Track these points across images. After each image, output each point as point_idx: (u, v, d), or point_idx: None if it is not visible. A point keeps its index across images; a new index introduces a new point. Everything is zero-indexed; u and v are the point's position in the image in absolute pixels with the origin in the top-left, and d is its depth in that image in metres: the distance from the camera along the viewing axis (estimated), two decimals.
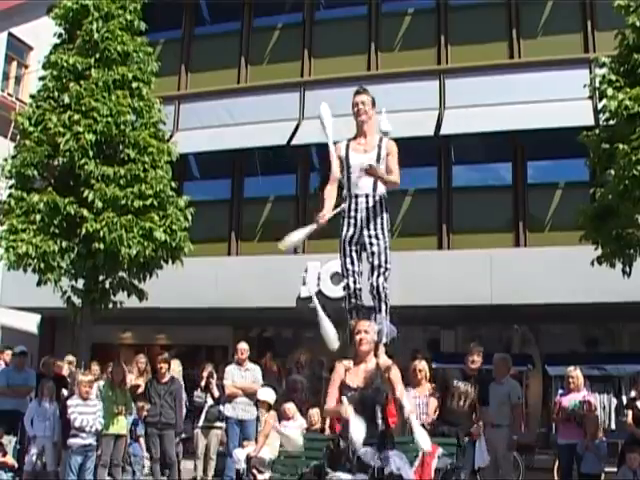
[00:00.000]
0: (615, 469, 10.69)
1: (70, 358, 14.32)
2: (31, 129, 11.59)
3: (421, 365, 11.18)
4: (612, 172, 9.61)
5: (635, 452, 10.03)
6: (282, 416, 12.42)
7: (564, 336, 16.47)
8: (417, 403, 10.98)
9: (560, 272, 13.93)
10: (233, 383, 13.15)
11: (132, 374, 13.59)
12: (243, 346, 13.50)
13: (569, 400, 11.62)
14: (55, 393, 12.27)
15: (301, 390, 15.45)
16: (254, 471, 11.16)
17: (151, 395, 12.67)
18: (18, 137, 12.39)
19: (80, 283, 11.89)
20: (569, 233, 12.66)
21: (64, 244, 11.20)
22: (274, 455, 10.73)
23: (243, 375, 13.22)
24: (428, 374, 11.19)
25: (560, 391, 12.25)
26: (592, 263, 10.64)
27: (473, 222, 16.30)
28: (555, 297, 14.03)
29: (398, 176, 7.87)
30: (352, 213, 7.79)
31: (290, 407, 12.61)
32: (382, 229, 7.79)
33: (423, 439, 6.62)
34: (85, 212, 11.04)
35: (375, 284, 7.73)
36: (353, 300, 7.88)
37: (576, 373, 11.69)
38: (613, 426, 13.02)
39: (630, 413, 11.24)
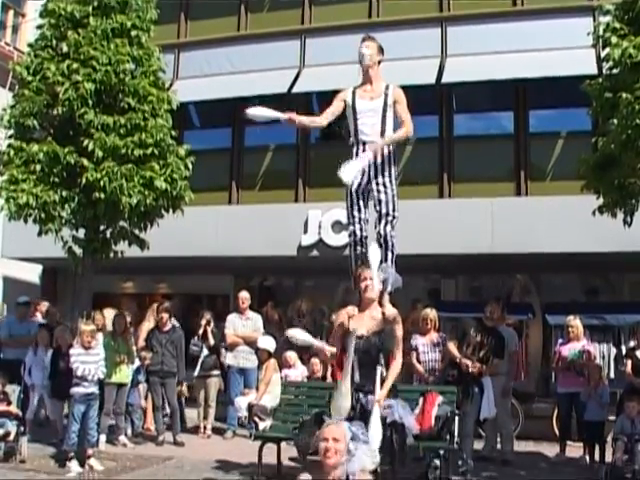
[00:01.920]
0: (613, 418, 10.78)
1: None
2: (29, 78, 11.49)
3: (432, 314, 11.30)
4: (615, 121, 9.54)
5: (634, 401, 10.10)
6: (283, 364, 12.52)
7: (564, 285, 16.49)
8: (425, 350, 11.10)
9: (561, 221, 13.91)
10: (234, 332, 13.23)
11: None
12: (244, 295, 13.56)
13: (569, 349, 11.70)
14: (50, 342, 12.35)
15: None
16: (256, 419, 11.27)
17: (153, 344, 12.75)
18: (16, 87, 12.27)
19: (81, 233, 11.89)
20: (571, 182, 12.63)
21: (64, 194, 11.17)
22: (275, 403, 10.82)
23: (244, 324, 13.31)
24: (437, 323, 11.28)
25: (560, 340, 12.33)
26: (593, 213, 10.63)
27: (474, 171, 16.23)
28: (556, 246, 14.03)
29: (410, 124, 7.84)
30: None
31: (291, 355, 12.70)
32: (390, 177, 7.78)
33: (375, 433, 6.55)
34: (85, 162, 10.98)
35: (382, 232, 7.76)
36: (359, 248, 7.91)
37: (576, 322, 11.75)
38: (612, 375, 13.08)
39: (629, 362, 11.31)
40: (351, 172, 7.56)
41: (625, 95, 9.27)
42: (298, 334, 7.52)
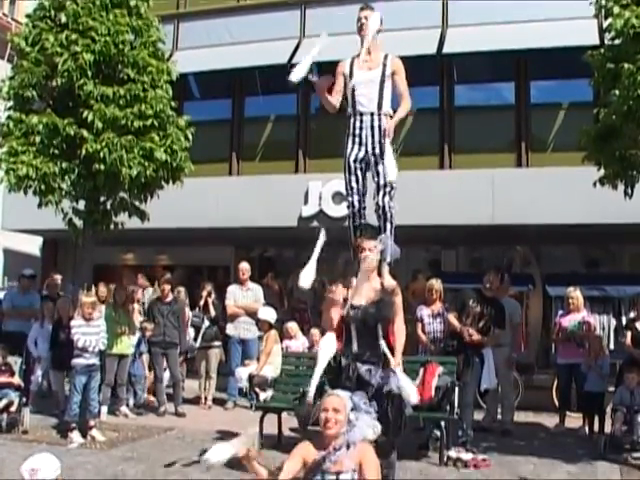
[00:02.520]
0: (613, 389, 10.82)
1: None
2: (28, 50, 11.42)
3: (437, 285, 11.32)
4: (616, 92, 9.48)
5: (633, 372, 10.13)
6: (284, 335, 12.55)
7: (565, 257, 16.50)
8: (429, 321, 11.12)
9: (562, 193, 13.89)
10: (235, 303, 13.26)
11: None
12: (244, 266, 13.58)
13: (569, 320, 11.72)
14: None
15: (305, 310, 15.59)
16: (256, 389, 11.30)
17: (154, 315, 12.80)
18: (15, 58, 12.20)
19: (81, 204, 11.88)
20: (572, 154, 12.59)
21: (64, 165, 11.15)
22: (276, 374, 10.86)
23: (244, 295, 13.33)
24: (442, 294, 11.29)
25: (560, 311, 12.34)
26: (594, 184, 10.60)
27: (475, 142, 16.20)
28: (557, 218, 14.02)
29: (408, 98, 7.79)
30: (357, 131, 7.74)
31: (292, 326, 12.74)
32: (388, 148, 7.74)
33: (410, 387, 6.61)
34: (85, 133, 10.94)
35: (381, 204, 7.72)
36: (357, 219, 7.88)
37: (576, 294, 11.76)
38: (612, 347, 13.12)
39: (629, 334, 11.33)
40: (299, 72, 7.57)
41: (627, 66, 9.22)
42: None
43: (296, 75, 7.51)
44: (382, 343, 6.89)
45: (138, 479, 7.91)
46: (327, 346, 6.76)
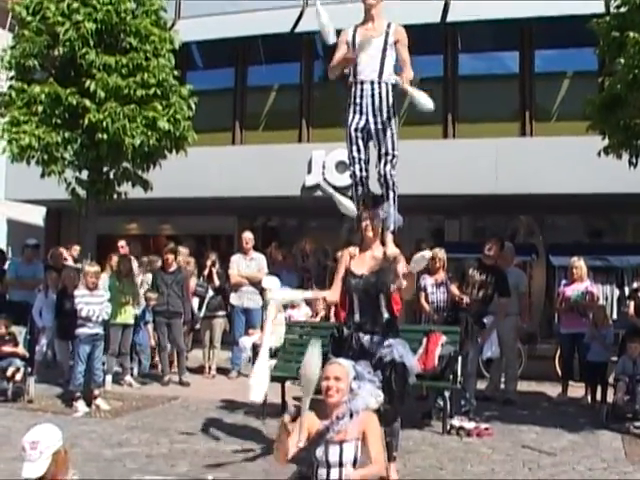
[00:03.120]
0: (616, 358, 10.84)
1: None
2: (29, 19, 11.34)
3: (441, 254, 11.32)
4: (622, 61, 9.41)
5: (636, 342, 10.14)
6: (287, 304, 12.55)
7: (568, 227, 16.49)
8: (433, 291, 11.13)
9: (566, 162, 13.85)
10: (238, 272, 13.27)
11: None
12: (248, 235, 13.58)
13: (572, 290, 11.72)
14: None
15: (309, 278, 15.59)
16: None
17: (158, 285, 12.82)
18: (16, 27, 12.12)
19: (84, 174, 11.85)
20: (576, 123, 12.52)
21: (67, 135, 11.11)
22: (280, 343, 10.88)
23: (248, 264, 13.34)
24: (445, 263, 11.29)
25: (563, 281, 12.34)
26: (599, 154, 10.55)
27: (479, 111, 16.13)
28: (560, 187, 13.99)
29: (410, 68, 7.75)
30: (358, 100, 7.72)
31: None
32: (389, 116, 7.71)
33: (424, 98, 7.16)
34: (87, 102, 10.89)
35: (383, 172, 7.72)
36: (360, 188, 7.88)
37: (580, 264, 11.75)
38: (615, 317, 13.12)
39: (632, 304, 11.35)
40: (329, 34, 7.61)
41: (632, 34, 9.14)
42: (277, 294, 7.48)
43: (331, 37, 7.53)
44: (384, 312, 6.90)
45: (142, 447, 7.96)
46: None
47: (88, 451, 7.44)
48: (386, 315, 6.92)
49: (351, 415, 5.00)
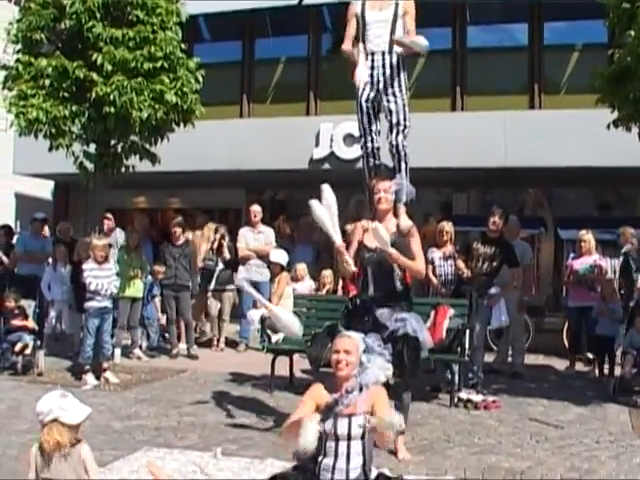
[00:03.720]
0: (624, 332, 10.83)
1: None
2: None
3: (448, 227, 11.30)
4: (632, 33, 9.32)
5: None
6: (293, 276, 12.57)
7: (577, 200, 16.45)
8: (440, 264, 11.11)
9: (575, 135, 13.80)
10: (246, 245, 13.27)
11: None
12: (256, 208, 13.56)
13: (580, 264, 11.69)
14: (68, 257, 12.46)
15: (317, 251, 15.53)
16: (268, 332, 11.35)
17: (166, 258, 12.84)
18: (23, 0, 12.06)
19: (92, 148, 11.83)
20: (585, 96, 12.45)
21: (74, 108, 11.08)
22: None
23: (256, 237, 13.34)
24: (453, 236, 11.27)
25: (572, 255, 12.31)
26: (608, 126, 10.48)
27: (487, 84, 16.07)
28: (569, 160, 13.94)
29: (415, 38, 7.70)
30: (369, 70, 7.68)
31: (302, 268, 12.77)
32: (400, 87, 7.70)
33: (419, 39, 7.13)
34: (94, 76, 10.86)
35: (394, 143, 7.70)
36: (371, 160, 7.86)
37: (588, 237, 11.72)
38: (622, 290, 13.08)
39: None
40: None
41: None
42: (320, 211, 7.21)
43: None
44: (398, 285, 6.90)
45: (151, 420, 8.00)
46: None
47: (97, 423, 7.47)
48: (400, 288, 6.92)
49: (360, 389, 5.00)
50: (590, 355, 11.81)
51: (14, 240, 13.85)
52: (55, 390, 4.54)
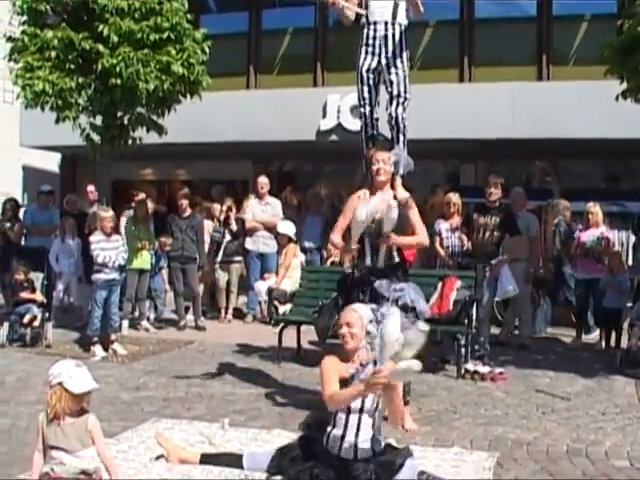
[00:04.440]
0: (631, 304, 10.84)
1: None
2: None
3: (455, 198, 11.26)
4: None
5: None
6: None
7: (584, 172, 16.40)
8: (447, 236, 11.08)
9: (583, 107, 13.74)
10: (253, 217, 13.27)
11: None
12: (263, 180, 13.56)
13: (587, 236, 11.66)
14: (77, 230, 12.48)
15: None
16: (275, 303, 11.38)
17: (173, 230, 12.84)
18: None
19: (98, 120, 11.79)
20: (594, 67, 12.38)
21: (81, 80, 11.04)
22: (295, 287, 10.92)
23: (263, 209, 13.34)
24: (460, 207, 11.23)
25: (579, 227, 12.28)
26: (616, 98, 10.42)
27: (495, 55, 15.99)
28: (577, 132, 13.90)
29: (420, 6, 7.67)
30: (370, 40, 7.65)
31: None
32: (401, 57, 7.64)
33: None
34: (101, 47, 10.80)
35: (394, 114, 7.66)
36: (370, 130, 7.82)
37: (595, 209, 11.68)
38: (630, 263, 13.07)
39: None
40: None
41: None
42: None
43: None
44: (395, 256, 6.88)
45: (159, 391, 8.04)
46: None
47: (105, 395, 7.51)
48: (398, 259, 6.90)
49: (375, 362, 5.00)
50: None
51: (20, 214, 13.86)
52: (73, 360, 4.59)
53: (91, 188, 14.30)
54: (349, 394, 4.83)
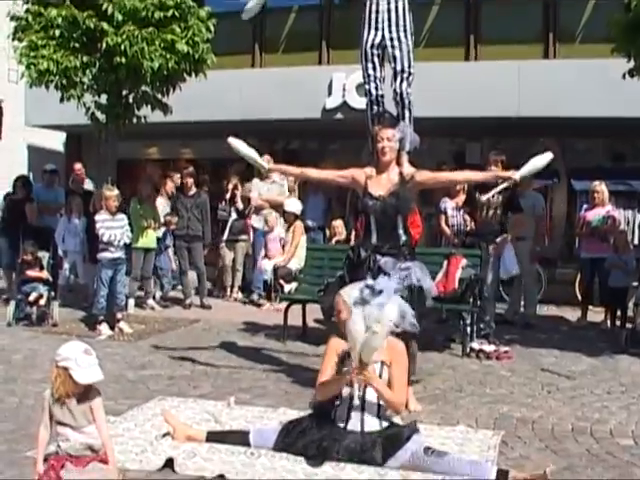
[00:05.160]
0: (636, 283, 10.83)
1: None
2: None
3: None
4: None
5: None
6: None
7: (591, 151, 16.33)
8: (453, 214, 11.05)
9: (590, 85, 13.67)
10: (259, 195, 13.26)
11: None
12: (267, 158, 13.49)
13: (593, 215, 11.66)
14: (83, 209, 12.49)
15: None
16: (281, 281, 11.42)
17: (178, 208, 12.85)
18: None
19: (103, 99, 11.78)
20: (601, 45, 12.31)
21: (85, 59, 11.01)
22: (300, 265, 10.94)
23: (269, 187, 13.31)
24: (466, 186, 11.19)
25: (585, 206, 12.26)
26: (623, 76, 10.37)
27: (501, 33, 15.89)
28: (584, 111, 13.83)
29: None
30: (373, 15, 7.61)
31: (272, 217, 12.81)
32: (405, 32, 7.60)
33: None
34: (105, 25, 10.75)
35: (398, 90, 7.62)
36: (375, 107, 7.79)
37: (601, 188, 11.67)
38: (636, 241, 13.07)
39: None
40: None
41: None
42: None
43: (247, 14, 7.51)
44: (402, 235, 6.84)
45: (165, 370, 8.06)
46: None
47: (111, 373, 7.52)
48: (404, 237, 6.84)
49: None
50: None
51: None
52: (83, 343, 4.60)
53: (78, 166, 14.25)
54: (334, 387, 5.13)
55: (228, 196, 13.76)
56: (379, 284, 5.33)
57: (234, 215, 13.58)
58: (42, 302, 10.72)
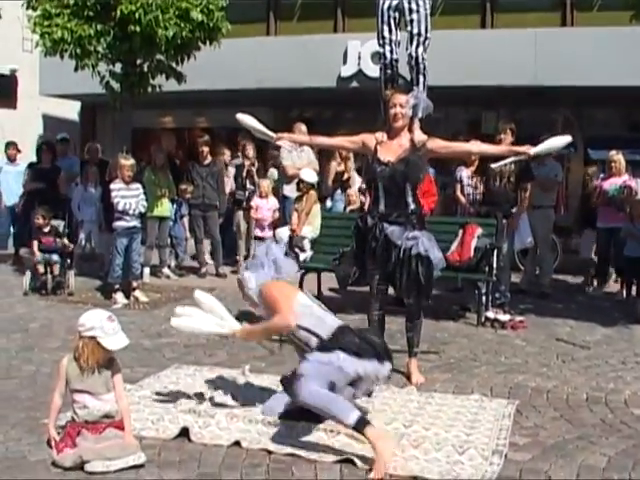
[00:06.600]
0: None
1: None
2: None
3: None
4: None
5: None
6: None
7: (608, 120, 16.22)
8: (469, 183, 10.97)
9: (608, 54, 13.55)
10: (293, 164, 13.11)
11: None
12: (302, 127, 13.35)
13: (610, 184, 11.58)
14: (99, 178, 12.50)
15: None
16: (296, 249, 11.40)
17: (193, 177, 12.83)
18: None
19: (118, 67, 11.74)
20: (619, 12, 12.12)
21: (99, 27, 10.95)
22: (315, 234, 10.93)
23: (299, 155, 13.16)
24: None
25: (601, 175, 12.18)
26: None
27: (518, 0, 15.76)
28: (601, 79, 13.73)
29: None
30: None
31: (266, 185, 12.82)
32: None
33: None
34: None
35: (414, 54, 7.53)
36: (389, 71, 7.71)
37: (618, 157, 11.58)
38: None
39: None
40: None
41: None
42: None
43: None
44: (411, 203, 6.65)
45: (181, 338, 8.08)
46: None
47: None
48: (412, 206, 6.58)
49: None
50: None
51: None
52: (105, 311, 4.65)
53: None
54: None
55: (244, 174, 13.60)
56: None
57: (251, 187, 13.45)
58: (56, 271, 10.78)
